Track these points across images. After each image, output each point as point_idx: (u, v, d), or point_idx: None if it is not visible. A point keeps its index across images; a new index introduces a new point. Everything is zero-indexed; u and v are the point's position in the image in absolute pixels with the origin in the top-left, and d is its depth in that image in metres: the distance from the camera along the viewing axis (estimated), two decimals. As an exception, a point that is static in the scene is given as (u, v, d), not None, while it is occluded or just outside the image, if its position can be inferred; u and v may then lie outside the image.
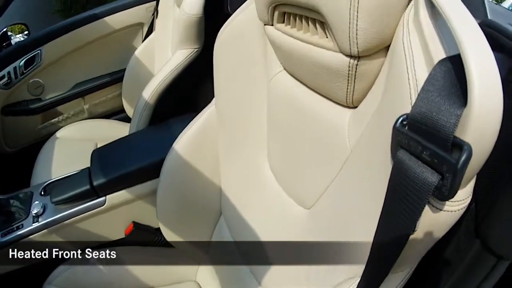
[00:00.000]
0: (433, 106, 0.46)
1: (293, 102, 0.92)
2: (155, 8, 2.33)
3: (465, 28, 0.45)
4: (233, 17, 1.05)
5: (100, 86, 2.34)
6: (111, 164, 1.36)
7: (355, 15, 0.62)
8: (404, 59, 0.57)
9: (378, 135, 0.63)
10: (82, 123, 2.22)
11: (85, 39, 2.26)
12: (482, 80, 0.41)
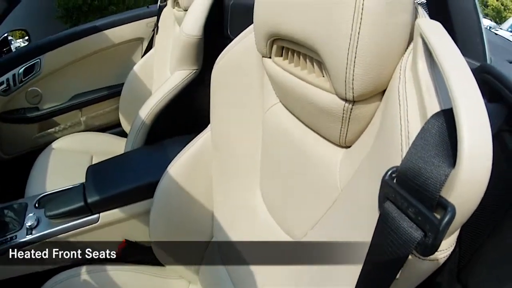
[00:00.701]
0: (423, 164, 0.48)
1: (287, 136, 0.92)
2: (155, 24, 2.36)
3: (461, 86, 0.46)
4: (231, 46, 1.06)
5: (98, 99, 2.36)
6: (106, 182, 1.37)
7: (353, 61, 0.63)
8: (398, 108, 0.59)
9: (368, 182, 0.64)
10: (79, 135, 2.23)
11: (85, 51, 2.29)
12: (472, 146, 0.42)
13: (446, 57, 0.50)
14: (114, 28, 2.35)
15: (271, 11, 0.82)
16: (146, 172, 1.40)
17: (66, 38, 2.25)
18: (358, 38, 0.61)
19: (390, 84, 0.65)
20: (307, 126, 0.87)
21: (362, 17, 0.60)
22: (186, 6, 1.91)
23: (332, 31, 0.65)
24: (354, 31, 0.61)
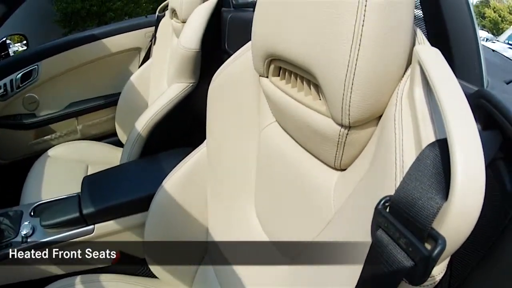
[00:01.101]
0: (416, 195, 0.48)
1: (282, 156, 0.92)
2: (153, 35, 2.38)
3: (456, 120, 0.46)
4: (229, 63, 1.06)
5: (94, 108, 2.37)
6: (102, 193, 1.37)
7: (350, 88, 0.63)
8: (394, 137, 0.59)
9: (362, 207, 0.64)
10: (74, 143, 2.23)
11: (82, 59, 2.30)
12: (465, 181, 0.42)
13: (443, 88, 0.50)
14: (112, 37, 2.37)
15: (269, 31, 0.82)
16: (141, 185, 1.40)
17: (64, 45, 2.27)
18: (356, 64, 0.61)
19: (387, 110, 0.65)
20: (303, 147, 0.87)
21: (360, 44, 0.61)
22: (184, 18, 1.93)
23: (330, 56, 0.65)
24: (352, 58, 0.61)
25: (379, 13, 0.60)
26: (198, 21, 1.84)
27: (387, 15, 0.61)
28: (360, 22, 0.59)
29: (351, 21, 0.60)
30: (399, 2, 0.62)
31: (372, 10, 0.59)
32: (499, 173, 0.61)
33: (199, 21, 1.85)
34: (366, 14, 0.59)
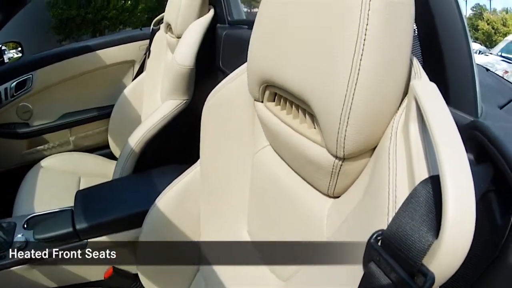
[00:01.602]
0: (408, 231, 0.49)
1: (275, 180, 0.92)
2: (147, 48, 2.39)
3: (450, 161, 0.46)
4: (224, 84, 1.05)
5: (87, 119, 2.38)
6: (95, 209, 1.37)
7: (346, 121, 0.63)
8: (388, 171, 0.59)
9: (354, 237, 0.64)
10: (67, 155, 2.23)
11: (76, 70, 2.32)
12: (455, 221, 0.43)
13: (439, 128, 0.51)
14: (106, 49, 2.37)
15: (265, 58, 0.83)
16: (135, 201, 1.40)
17: (59, 55, 2.28)
18: (353, 99, 0.62)
19: (381, 143, 0.66)
20: (296, 173, 0.87)
21: (358, 78, 0.61)
22: (179, 33, 1.95)
23: (326, 89, 0.65)
24: (349, 92, 0.62)
25: (377, 47, 0.61)
26: (193, 38, 1.86)
27: (386, 49, 0.62)
28: (359, 56, 0.60)
29: (349, 55, 0.61)
30: (398, 35, 0.63)
31: (371, 44, 0.60)
32: (490, 205, 0.62)
33: (194, 37, 1.86)
34: (364, 48, 0.60)
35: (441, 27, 0.80)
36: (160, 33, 2.30)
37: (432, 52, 0.81)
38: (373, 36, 0.60)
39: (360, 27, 0.60)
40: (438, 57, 0.80)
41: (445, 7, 0.80)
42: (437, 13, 0.79)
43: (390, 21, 0.61)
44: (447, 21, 0.80)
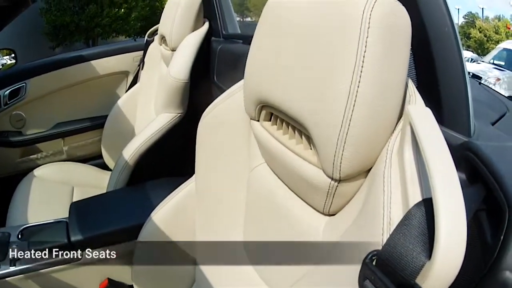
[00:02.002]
0: (403, 252, 0.51)
1: (271, 196, 0.93)
2: (141, 59, 2.40)
3: (443, 187, 0.48)
4: (219, 101, 1.06)
5: (81, 130, 2.39)
6: (90, 221, 1.37)
7: (342, 145, 0.64)
8: (383, 193, 0.61)
9: (349, 255, 0.65)
10: (60, 164, 2.23)
11: (70, 80, 2.33)
12: (447, 244, 0.46)
13: (433, 155, 0.53)
14: (100, 59, 2.39)
15: (263, 79, 0.84)
16: (130, 214, 1.41)
17: (53, 64, 2.29)
18: (350, 124, 0.63)
19: (377, 165, 0.67)
20: (292, 191, 0.88)
21: (355, 104, 0.62)
22: (174, 46, 1.96)
23: (323, 114, 0.67)
24: (346, 117, 0.63)
25: (375, 75, 0.62)
26: (188, 51, 1.88)
27: (383, 76, 0.63)
28: (356, 83, 0.62)
29: (347, 82, 0.63)
30: (395, 61, 0.65)
31: (369, 72, 0.62)
32: (481, 224, 0.65)
33: (189, 51, 1.88)
34: (362, 75, 0.62)
35: (435, 47, 0.81)
36: (154, 45, 2.31)
37: (426, 71, 0.83)
38: (371, 64, 0.62)
39: (358, 54, 0.62)
40: (432, 76, 0.82)
41: (439, 29, 0.82)
42: (431, 31, 0.81)
43: (388, 49, 0.63)
44: (442, 41, 0.81)
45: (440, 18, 0.81)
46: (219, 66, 1.96)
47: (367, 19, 0.61)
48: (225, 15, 2.15)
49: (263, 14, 0.86)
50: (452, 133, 0.79)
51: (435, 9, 0.81)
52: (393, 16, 0.64)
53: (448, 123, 0.79)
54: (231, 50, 1.88)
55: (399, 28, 0.65)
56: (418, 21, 0.78)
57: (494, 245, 0.61)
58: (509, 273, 0.57)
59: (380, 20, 0.62)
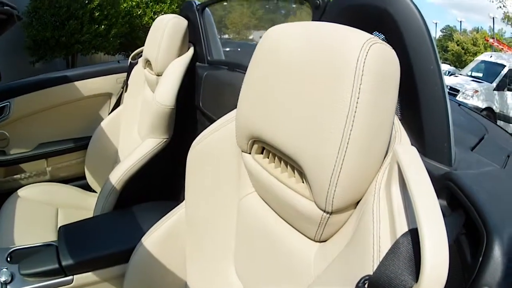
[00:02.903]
0: (392, 276, 0.55)
1: (262, 225, 0.96)
2: (124, 81, 2.42)
3: (427, 221, 0.53)
4: (210, 132, 1.07)
5: (64, 150, 2.39)
6: (80, 245, 1.39)
7: (335, 183, 0.68)
8: (372, 225, 0.65)
9: (341, 280, 0.69)
10: (44, 185, 2.22)
11: (54, 100, 2.33)
12: (431, 271, 0.50)
13: (418, 191, 0.57)
14: (84, 80, 2.39)
15: (256, 116, 0.86)
16: (120, 238, 1.43)
17: (37, 84, 2.29)
18: (342, 164, 0.67)
19: (366, 197, 0.72)
20: (282, 219, 0.91)
21: (348, 146, 0.67)
22: (159, 71, 2.00)
23: (317, 154, 0.70)
24: (339, 157, 0.67)
25: (366, 119, 0.67)
26: (174, 77, 1.91)
27: (374, 120, 0.68)
28: (349, 127, 0.66)
29: (340, 125, 0.67)
30: (385, 105, 0.70)
31: (361, 117, 0.66)
32: (462, 247, 0.72)
33: (175, 77, 1.92)
34: (355, 120, 0.66)
35: (420, 84, 0.86)
36: (138, 68, 2.33)
37: (410, 105, 0.88)
38: (364, 109, 0.66)
39: (352, 100, 0.66)
40: (416, 111, 0.87)
41: (424, 67, 0.86)
42: (417, 69, 0.86)
43: (380, 94, 0.68)
44: (427, 78, 0.86)
45: (426, 57, 0.85)
46: (205, 93, 2.00)
47: (361, 67, 0.66)
48: (210, 40, 2.19)
49: (258, 50, 0.89)
50: (434, 163, 0.85)
51: (422, 48, 0.85)
52: (385, 63, 0.69)
53: (430, 155, 0.85)
54: (217, 77, 1.92)
55: (390, 74, 0.70)
56: (405, 60, 0.83)
57: (473, 265, 0.66)
58: (488, 287, 0.62)
59: (373, 68, 0.66)
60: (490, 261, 0.64)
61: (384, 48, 0.69)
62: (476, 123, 1.58)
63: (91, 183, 2.36)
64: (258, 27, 20.15)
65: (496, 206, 0.73)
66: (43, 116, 2.33)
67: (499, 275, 0.63)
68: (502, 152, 1.15)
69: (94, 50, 7.87)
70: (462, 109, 1.79)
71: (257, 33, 22.09)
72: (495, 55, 13.32)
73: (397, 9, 0.87)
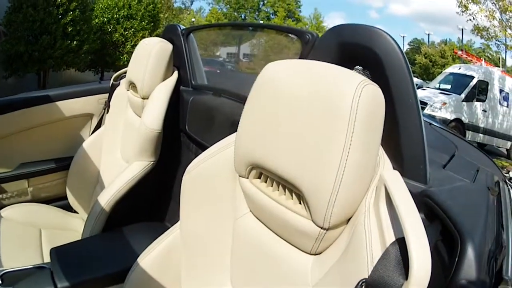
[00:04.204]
0: (386, 278, 0.69)
1: (258, 242, 1.02)
2: (106, 103, 2.43)
3: (412, 230, 0.67)
4: (206, 157, 1.12)
5: (46, 171, 2.37)
6: (74, 267, 1.40)
7: (332, 204, 0.79)
8: (365, 238, 0.77)
9: (339, 285, 0.81)
10: (26, 205, 2.21)
11: (35, 120, 2.32)
12: (418, 271, 0.63)
13: (403, 206, 0.72)
14: (66, 101, 2.39)
15: (257, 144, 0.93)
16: (114, 259, 1.45)
17: (18, 104, 2.27)
18: (339, 188, 0.78)
19: (357, 214, 0.83)
20: (279, 236, 0.98)
21: (344, 173, 0.77)
22: (145, 95, 2.02)
23: (317, 179, 0.80)
24: (337, 183, 0.78)
25: (359, 149, 0.78)
26: (160, 101, 1.96)
27: (365, 149, 0.80)
28: (345, 158, 0.77)
29: (337, 156, 0.78)
30: (374, 135, 0.83)
31: (355, 147, 0.77)
32: (440, 251, 0.85)
33: (161, 100, 1.96)
34: (350, 151, 0.77)
35: (400, 115, 0.97)
36: (121, 89, 2.34)
37: (391, 133, 0.97)
38: (357, 141, 0.77)
39: (348, 134, 0.77)
40: (396, 138, 0.98)
41: (404, 100, 0.97)
42: (398, 103, 0.97)
43: (370, 127, 0.80)
44: (406, 110, 0.97)
45: (406, 92, 0.96)
46: (192, 117, 2.04)
47: (356, 107, 0.77)
48: (194, 65, 2.23)
49: (257, 83, 0.96)
50: (412, 182, 0.97)
51: (402, 84, 0.96)
52: (375, 103, 0.81)
53: (409, 175, 0.96)
54: (204, 102, 1.98)
55: (378, 112, 0.83)
56: (387, 93, 0.91)
57: (451, 264, 0.79)
58: (464, 281, 0.75)
59: (365, 108, 0.78)
60: (464, 260, 0.77)
61: (373, 89, 0.80)
62: (446, 141, 1.73)
63: (72, 204, 2.35)
64: (224, 44, 20.14)
65: (467, 216, 0.88)
66: (24, 135, 2.32)
67: (473, 270, 0.76)
68: (471, 167, 1.30)
69: (66, 66, 7.83)
70: (433, 128, 1.91)
71: (224, 49, 22.07)
72: (464, 67, 13.72)
73: (381, 47, 0.98)
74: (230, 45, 22.23)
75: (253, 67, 21.58)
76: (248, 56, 26.31)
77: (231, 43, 21.77)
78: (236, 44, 21.54)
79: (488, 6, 12.42)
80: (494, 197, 1.09)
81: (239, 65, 21.02)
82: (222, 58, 20.06)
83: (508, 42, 13.51)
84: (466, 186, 1.12)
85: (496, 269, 0.81)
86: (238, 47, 22.66)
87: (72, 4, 7.73)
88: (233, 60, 21.52)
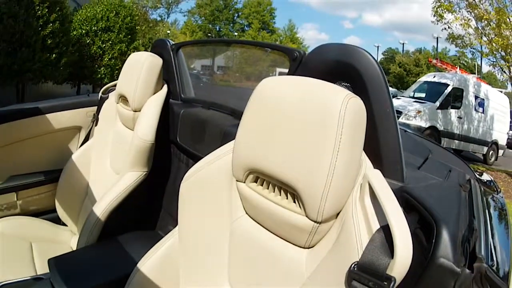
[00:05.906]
0: (375, 259, 0.80)
1: (255, 241, 1.09)
2: (95, 115, 2.44)
3: (394, 217, 0.80)
4: (203, 165, 1.20)
5: (34, 184, 2.35)
6: (74, 276, 1.41)
7: (325, 200, 0.90)
8: (353, 227, 0.88)
9: (333, 271, 0.90)
10: (15, 219, 2.20)
11: (23, 133, 2.31)
12: (401, 251, 0.76)
13: (385, 198, 0.85)
14: (54, 113, 2.39)
15: (255, 151, 1.02)
16: (113, 266, 1.48)
17: (6, 116, 2.26)
18: (330, 186, 0.89)
19: (345, 208, 0.94)
20: (274, 234, 1.07)
21: (334, 173, 0.89)
22: (137, 108, 2.06)
23: (311, 180, 0.91)
24: (328, 182, 0.89)
25: (346, 151, 0.90)
26: (152, 113, 2.00)
27: (351, 151, 0.92)
28: (334, 159, 0.89)
29: (328, 157, 0.89)
30: (358, 139, 0.95)
31: (343, 150, 0.89)
32: (418, 237, 0.95)
33: (153, 113, 2.00)
34: (339, 154, 0.89)
35: (379, 122, 1.11)
36: (110, 102, 2.37)
37: (371, 137, 1.08)
38: (345, 145, 0.89)
39: (336, 140, 0.89)
40: (376, 141, 1.11)
41: (382, 109, 1.11)
42: (376, 112, 1.10)
43: (355, 133, 0.93)
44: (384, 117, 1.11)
45: (383, 102, 1.10)
46: (183, 129, 2.09)
47: (343, 117, 0.89)
48: (183, 79, 2.29)
49: (254, 97, 1.06)
50: (391, 181, 1.08)
51: (380, 96, 1.10)
52: (358, 113, 0.93)
53: (387, 174, 1.06)
54: (195, 114, 2.03)
55: (361, 121, 0.95)
56: (367, 104, 1.03)
57: (428, 246, 0.88)
58: (442, 259, 0.84)
59: (351, 118, 0.90)
60: (441, 241, 0.86)
61: (357, 101, 0.93)
62: (421, 146, 1.85)
63: (62, 216, 2.35)
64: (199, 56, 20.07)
65: (441, 207, 0.97)
66: (13, 148, 2.31)
67: (449, 250, 0.85)
68: (444, 168, 1.43)
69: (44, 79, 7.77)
70: (408, 135, 2.08)
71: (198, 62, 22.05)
72: (438, 75, 13.97)
73: (361, 64, 1.12)
74: (205, 58, 22.19)
75: (227, 79, 21.55)
76: (223, 68, 26.34)
77: (206, 56, 21.73)
78: (210, 56, 21.50)
79: (463, 15, 12.59)
80: (466, 193, 1.19)
81: (213, 77, 20.97)
82: (197, 71, 20.02)
83: (483, 50, 13.70)
84: (439, 183, 1.23)
85: (470, 249, 0.89)
86: (213, 60, 22.66)
87: (52, 15, 7.71)
88: (207, 72, 21.45)
